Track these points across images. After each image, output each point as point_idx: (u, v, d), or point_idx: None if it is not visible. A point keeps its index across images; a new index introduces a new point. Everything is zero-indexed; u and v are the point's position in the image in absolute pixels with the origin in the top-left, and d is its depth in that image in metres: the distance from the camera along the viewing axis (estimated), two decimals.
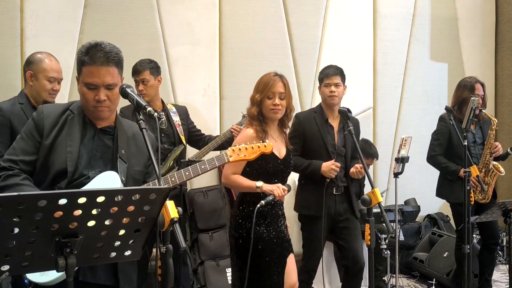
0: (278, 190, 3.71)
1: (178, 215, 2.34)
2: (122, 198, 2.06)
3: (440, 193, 5.71)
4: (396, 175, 4.86)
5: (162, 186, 2.47)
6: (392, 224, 4.58)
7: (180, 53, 6.01)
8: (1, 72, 5.11)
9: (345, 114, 3.98)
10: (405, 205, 6.97)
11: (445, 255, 6.15)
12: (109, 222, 2.09)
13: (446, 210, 6.37)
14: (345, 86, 4.80)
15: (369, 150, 6.09)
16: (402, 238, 6.67)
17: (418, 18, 7.49)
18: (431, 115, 6.77)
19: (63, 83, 4.29)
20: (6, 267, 2.02)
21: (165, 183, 2.94)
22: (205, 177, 5.96)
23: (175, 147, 4.96)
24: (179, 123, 5.04)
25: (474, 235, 6.41)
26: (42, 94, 4.05)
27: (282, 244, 3.92)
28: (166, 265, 2.36)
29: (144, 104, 2.67)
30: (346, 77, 4.80)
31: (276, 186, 3.74)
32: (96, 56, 2.66)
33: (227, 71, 6.25)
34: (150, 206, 2.15)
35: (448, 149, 5.49)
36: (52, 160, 2.66)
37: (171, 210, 2.32)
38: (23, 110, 3.97)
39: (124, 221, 2.13)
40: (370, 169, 6.57)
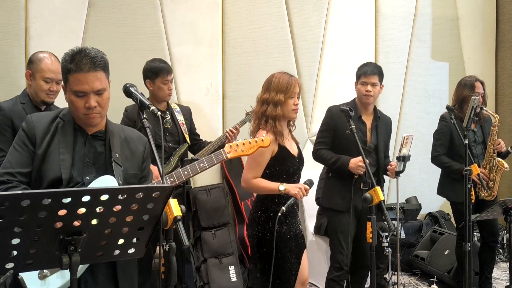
0: (301, 192, 3.68)
1: (181, 213, 2.35)
2: (125, 196, 2.06)
3: (441, 191, 5.71)
4: (397, 174, 4.84)
5: (165, 184, 2.47)
6: (393, 222, 4.57)
7: (183, 52, 6.00)
8: (5, 71, 5.11)
9: (346, 113, 3.95)
10: (406, 203, 6.96)
11: (446, 253, 6.14)
12: (112, 220, 2.09)
13: (447, 208, 6.36)
14: (382, 85, 4.78)
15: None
16: (403, 236, 6.67)
17: (419, 18, 7.48)
18: (432, 114, 6.77)
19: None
20: (11, 265, 2.02)
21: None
22: (208, 175, 5.99)
23: (180, 146, 4.97)
24: (183, 122, 5.04)
25: (475, 233, 6.41)
26: (39, 94, 4.04)
27: (298, 241, 3.91)
28: (169, 262, 2.37)
29: (147, 103, 2.68)
30: (348, 75, 4.81)
31: (298, 188, 3.69)
32: (82, 62, 2.59)
33: (230, 70, 6.25)
34: (153, 204, 2.15)
35: (449, 148, 5.48)
36: (45, 169, 2.62)
37: (175, 208, 2.34)
38: (25, 109, 3.96)
39: (127, 219, 2.13)
40: None
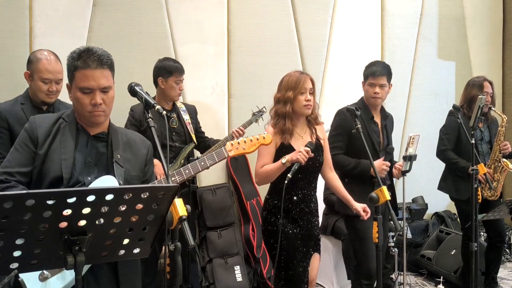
0: (302, 155, 3.66)
1: (186, 213, 2.34)
2: (130, 196, 2.05)
3: (442, 186, 5.70)
4: (403, 173, 4.83)
5: (170, 184, 2.46)
6: (399, 222, 4.55)
7: (188, 51, 5.99)
8: (9, 71, 5.10)
9: (353, 112, 3.92)
10: (412, 203, 6.97)
11: (452, 253, 6.12)
12: (117, 220, 2.08)
13: (454, 208, 6.34)
14: (390, 85, 4.71)
15: None
16: (409, 236, 6.66)
17: (425, 17, 7.46)
18: (439, 113, 6.74)
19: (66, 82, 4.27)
20: (15, 265, 2.01)
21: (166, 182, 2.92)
22: (213, 175, 5.98)
23: (186, 145, 4.96)
24: (189, 122, 5.03)
25: (481, 233, 6.39)
26: (38, 95, 4.01)
27: (308, 242, 3.91)
28: (175, 262, 2.36)
29: (153, 102, 2.68)
30: (354, 74, 4.76)
31: (298, 153, 3.68)
32: (89, 59, 2.62)
33: (235, 69, 6.24)
34: (158, 204, 2.14)
35: (456, 145, 5.47)
36: (46, 168, 2.63)
37: (180, 208, 2.33)
38: (23, 110, 3.94)
39: (132, 219, 2.12)
40: None
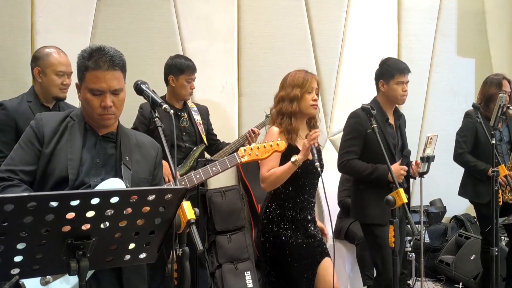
0: (308, 144, 3.62)
1: (195, 216, 2.33)
2: (136, 199, 2.03)
3: (462, 191, 5.66)
4: (421, 175, 4.80)
5: (178, 186, 2.45)
6: (417, 225, 4.53)
7: (197, 48, 5.97)
8: (11, 68, 5.11)
9: (368, 111, 3.89)
10: (430, 206, 6.93)
11: (472, 258, 6.08)
12: (123, 223, 2.07)
13: (473, 211, 6.30)
14: None
15: None
16: (427, 240, 6.62)
17: (444, 12, 7.40)
18: (458, 113, 6.68)
19: (74, 79, 4.27)
20: (16, 270, 2.00)
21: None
22: (223, 177, 5.95)
23: (197, 146, 4.93)
24: (200, 122, 4.99)
25: (503, 237, 6.34)
26: (52, 90, 3.99)
27: (313, 249, 3.85)
28: (183, 268, 2.35)
29: (159, 101, 2.66)
30: (370, 72, 4.73)
31: (306, 145, 3.62)
32: (101, 60, 2.61)
33: (246, 67, 6.22)
34: (166, 207, 2.13)
35: (474, 147, 5.44)
36: (52, 167, 2.61)
37: (188, 211, 2.31)
38: (31, 108, 3.92)
39: (138, 222, 2.11)
40: None
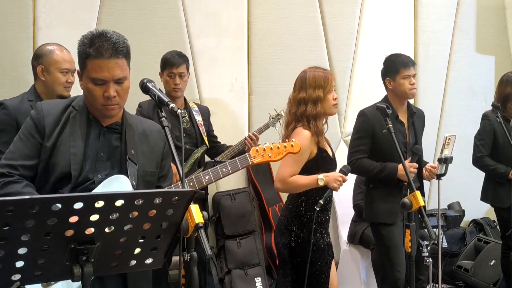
0: (339, 185, 3.67)
1: (203, 220, 2.31)
2: (142, 201, 2.01)
3: (485, 196, 5.64)
4: (438, 177, 4.80)
5: (186, 188, 2.43)
6: (434, 230, 4.51)
7: (205, 45, 5.98)
8: (12, 65, 5.13)
9: (383, 111, 3.88)
10: (448, 209, 6.90)
11: (491, 263, 6.05)
12: (128, 227, 2.05)
13: (493, 215, 6.28)
14: None
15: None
16: (445, 245, 6.58)
17: (462, 7, 7.38)
18: (477, 112, 6.65)
19: (77, 77, 4.28)
20: (18, 276, 1.99)
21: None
22: (232, 179, 5.94)
23: (197, 148, 4.89)
24: (201, 123, 4.96)
25: None
26: (56, 88, 3.98)
27: (329, 250, 3.90)
28: (190, 274, 2.34)
29: (166, 100, 2.61)
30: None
31: (338, 181, 3.67)
32: (103, 47, 2.54)
33: (256, 65, 6.21)
34: (173, 210, 2.10)
35: (493, 148, 5.43)
36: (53, 162, 2.58)
37: (196, 214, 2.28)
38: (32, 108, 3.90)
39: (144, 226, 2.09)
40: None
